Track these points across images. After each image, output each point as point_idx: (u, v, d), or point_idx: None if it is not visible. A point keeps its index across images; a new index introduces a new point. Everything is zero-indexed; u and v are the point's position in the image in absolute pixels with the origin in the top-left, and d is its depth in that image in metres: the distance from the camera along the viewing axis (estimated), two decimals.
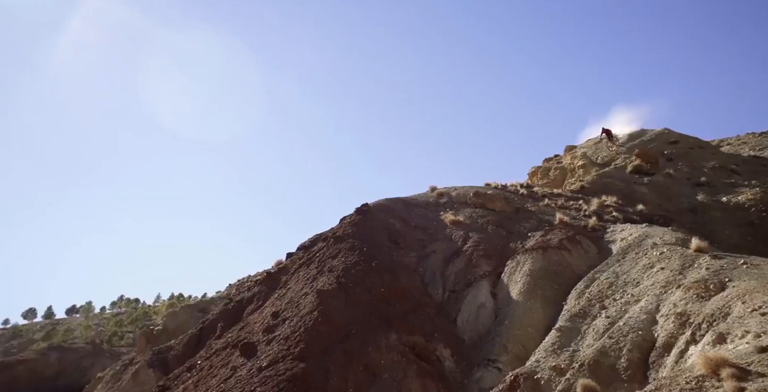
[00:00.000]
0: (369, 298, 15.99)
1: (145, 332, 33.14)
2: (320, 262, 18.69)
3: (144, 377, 22.00)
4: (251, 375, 13.55)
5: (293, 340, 14.41)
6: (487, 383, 12.70)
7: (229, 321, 20.46)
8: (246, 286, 26.24)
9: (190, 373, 16.63)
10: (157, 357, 22.54)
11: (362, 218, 20.92)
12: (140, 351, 29.10)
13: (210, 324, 21.88)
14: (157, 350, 23.43)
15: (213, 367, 15.84)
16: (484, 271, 17.63)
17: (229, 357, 15.78)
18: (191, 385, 15.49)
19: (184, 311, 35.85)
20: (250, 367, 14.14)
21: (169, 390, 16.15)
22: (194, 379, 15.82)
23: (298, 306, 16.30)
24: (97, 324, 72.18)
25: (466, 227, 20.90)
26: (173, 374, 17.84)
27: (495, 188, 25.82)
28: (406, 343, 14.36)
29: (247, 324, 17.92)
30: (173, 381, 16.93)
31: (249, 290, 22.77)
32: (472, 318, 16.04)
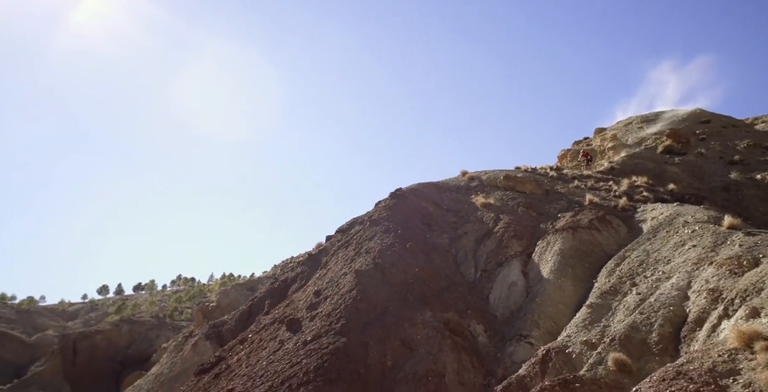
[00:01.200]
0: (404, 278, 16.01)
1: (201, 308, 34.36)
2: (357, 244, 18.79)
3: (202, 348, 22.74)
4: (297, 348, 13.78)
5: (334, 316, 14.59)
6: (519, 356, 12.54)
7: (275, 299, 20.89)
8: (290, 267, 26.75)
9: (243, 345, 17.06)
10: (212, 331, 23.27)
11: (396, 202, 20.86)
12: (198, 325, 30.17)
13: (258, 301, 22.40)
14: (213, 324, 24.20)
15: (262, 340, 16.18)
16: (515, 251, 17.36)
17: (276, 331, 16.10)
18: (244, 356, 15.86)
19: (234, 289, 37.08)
20: (296, 341, 14.38)
21: (225, 360, 16.59)
22: (246, 351, 16.21)
23: (338, 285, 16.48)
24: (160, 300, 75.25)
25: (496, 209, 20.58)
26: (228, 346, 18.36)
27: (525, 171, 25.29)
28: (441, 319, 14.33)
29: (291, 302, 18.22)
30: (228, 352, 17.41)
31: (292, 270, 23.13)
32: (503, 296, 15.85)
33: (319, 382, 11.96)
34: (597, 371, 9.14)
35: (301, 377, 12.27)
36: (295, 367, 12.75)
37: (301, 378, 12.23)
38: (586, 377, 8.76)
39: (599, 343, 10.39)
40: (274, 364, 13.57)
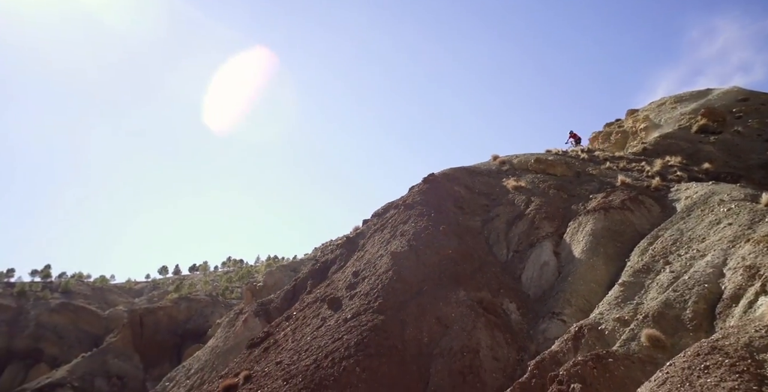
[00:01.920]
0: (438, 259, 15.95)
1: (249, 287, 35.34)
2: (393, 227, 18.80)
3: (252, 324, 23.42)
4: (338, 325, 13.98)
5: (372, 296, 14.71)
6: (552, 333, 12.34)
7: (316, 279, 21.22)
8: (329, 249, 27.08)
9: (288, 322, 17.45)
10: (261, 308, 23.92)
11: (429, 186, 20.71)
12: (247, 303, 31.08)
13: (301, 281, 22.84)
14: (261, 302, 24.88)
15: (306, 317, 16.48)
16: (547, 232, 17.00)
17: (318, 309, 16.36)
18: (290, 332, 16.21)
19: (279, 270, 37.92)
20: (337, 318, 14.57)
21: (273, 335, 17.00)
22: (292, 327, 16.57)
23: (374, 266, 16.57)
24: (213, 280, 77.86)
25: (527, 192, 20.17)
26: (275, 322, 18.83)
27: (555, 154, 24.61)
28: (474, 298, 14.25)
29: (332, 282, 18.45)
30: (275, 328, 17.86)
31: (332, 252, 23.40)
32: (535, 276, 15.58)
33: (360, 356, 12.15)
34: (630, 347, 8.88)
35: (343, 351, 12.48)
36: (337, 342, 12.97)
37: (342, 353, 12.44)
38: (619, 352, 8.52)
39: (632, 320, 10.09)
40: (317, 339, 13.84)
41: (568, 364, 8.13)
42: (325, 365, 12.22)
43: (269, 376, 13.05)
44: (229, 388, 13.91)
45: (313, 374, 12.03)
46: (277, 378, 12.67)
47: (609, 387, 7.48)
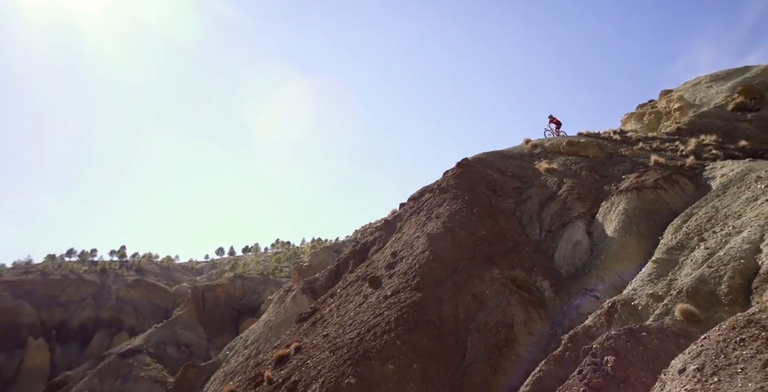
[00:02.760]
0: (472, 239, 15.72)
1: (296, 267, 36.11)
2: (428, 210, 18.62)
3: (300, 300, 23.94)
4: (379, 302, 14.02)
5: (410, 275, 14.68)
6: (585, 309, 11.95)
7: (357, 259, 21.37)
8: (369, 231, 27.23)
9: (333, 299, 17.68)
10: (307, 286, 24.38)
11: (463, 170, 20.34)
12: (295, 281, 31.79)
13: (343, 261, 23.07)
14: (307, 280, 25.36)
15: (349, 295, 16.62)
16: (579, 212, 16.42)
17: (360, 287, 16.46)
18: (334, 308, 16.41)
19: (323, 251, 38.58)
20: (377, 295, 14.62)
21: (319, 310, 17.28)
22: (336, 303, 16.76)
23: (412, 247, 16.51)
24: (263, 260, 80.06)
25: (560, 174, 19.51)
26: (320, 299, 19.14)
27: (587, 136, 23.64)
28: (508, 277, 14.00)
29: (372, 262, 18.51)
30: (321, 304, 18.15)
31: (371, 234, 23.47)
32: (568, 254, 15.10)
33: (400, 331, 12.19)
34: (664, 321, 8.49)
35: (384, 326, 12.55)
36: (378, 318, 13.04)
37: (384, 327, 12.50)
38: (653, 326, 8.14)
39: (666, 296, 9.63)
40: (360, 315, 13.95)
41: (602, 338, 7.86)
42: (367, 338, 12.33)
43: (317, 348, 13.29)
44: (282, 358, 14.21)
45: (357, 346, 12.16)
46: (324, 349, 12.89)
47: (642, 360, 7.19)
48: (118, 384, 42.14)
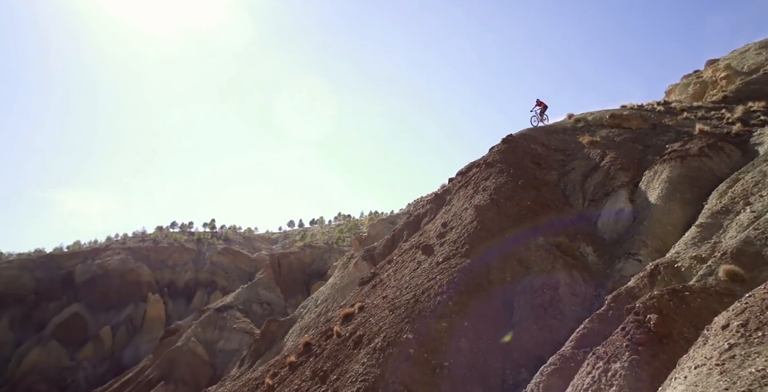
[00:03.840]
0: (517, 209, 15.32)
1: (357, 237, 36.89)
2: (475, 183, 18.28)
3: (361, 266, 24.50)
4: (432, 267, 14.13)
5: (459, 243, 14.62)
6: (628, 272, 11.38)
7: (411, 230, 21.49)
8: (420, 204, 27.17)
9: (390, 265, 17.98)
10: (367, 254, 24.87)
11: (508, 146, 19.67)
12: (356, 249, 32.53)
13: (398, 231, 23.28)
14: (367, 249, 25.86)
15: (404, 261, 16.82)
16: (622, 182, 15.48)
17: (414, 254, 16.60)
18: (392, 273, 16.70)
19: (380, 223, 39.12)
20: (430, 262, 14.73)
21: (378, 275, 17.66)
22: (393, 269, 17.05)
23: (460, 218, 16.36)
24: (328, 231, 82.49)
25: (602, 146, 18.39)
26: (379, 265, 19.52)
27: (630, 109, 21.97)
28: (552, 243, 13.57)
29: (424, 232, 18.55)
30: (379, 269, 18.53)
31: (423, 207, 23.44)
32: (611, 221, 14.30)
33: (452, 293, 12.26)
34: (707, 281, 7.94)
35: (437, 289, 12.67)
36: (432, 281, 13.16)
37: (437, 290, 12.63)
38: (696, 286, 7.64)
39: (709, 257, 8.97)
40: (415, 279, 14.12)
41: (645, 297, 7.49)
42: (422, 299, 12.51)
43: (378, 307, 13.63)
44: (347, 316, 14.69)
45: (413, 306, 12.39)
46: (384, 308, 13.21)
47: (685, 317, 6.80)
48: (216, 333, 45.82)
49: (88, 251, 68.25)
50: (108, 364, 52.24)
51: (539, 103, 24.06)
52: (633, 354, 6.09)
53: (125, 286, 60.72)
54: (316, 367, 12.48)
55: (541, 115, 23.59)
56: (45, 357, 50.07)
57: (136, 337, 56.16)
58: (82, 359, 52.04)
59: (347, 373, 11.10)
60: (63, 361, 50.94)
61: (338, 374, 11.36)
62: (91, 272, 61.94)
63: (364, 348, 11.65)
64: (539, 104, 23.99)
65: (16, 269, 60.18)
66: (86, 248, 72.28)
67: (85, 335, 54.75)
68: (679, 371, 4.90)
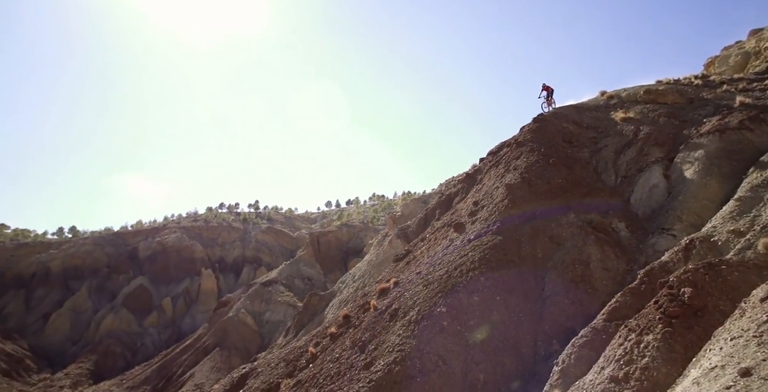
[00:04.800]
0: (548, 188, 14.87)
1: (391, 216, 37.12)
2: (506, 163, 17.83)
3: (395, 244, 24.73)
4: (463, 244, 14.00)
5: (491, 221, 14.41)
6: (661, 246, 10.88)
7: (443, 209, 21.34)
8: (452, 184, 26.89)
9: (423, 242, 18.04)
10: (401, 232, 25.03)
11: (539, 125, 18.96)
12: (390, 228, 32.77)
13: (431, 211, 23.20)
14: (400, 227, 26.01)
15: (437, 239, 16.78)
16: (656, 157, 14.68)
17: (446, 232, 16.53)
18: (425, 250, 16.76)
19: (412, 202, 39.08)
20: (462, 239, 14.60)
21: (412, 252, 17.76)
22: (426, 246, 17.09)
23: (491, 197, 16.08)
24: (363, 211, 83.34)
25: (636, 122, 17.42)
26: (412, 243, 19.63)
27: (666, 84, 20.55)
28: (584, 220, 13.16)
29: (456, 211, 18.39)
30: (413, 247, 18.65)
31: (454, 187, 23.16)
32: (644, 197, 13.64)
33: (483, 269, 12.18)
34: (745, 255, 7.55)
35: (469, 265, 12.61)
36: (464, 258, 13.07)
37: (468, 266, 12.56)
38: (733, 260, 7.26)
39: (748, 231, 8.47)
40: (447, 256, 14.06)
41: (679, 271, 7.18)
42: (455, 275, 12.51)
43: (412, 282, 13.70)
44: (383, 290, 14.82)
45: (446, 281, 12.42)
46: (418, 283, 13.27)
47: (721, 291, 6.50)
48: (263, 305, 47.96)
49: (148, 230, 72.42)
50: (170, 331, 55.96)
51: (545, 87, 22.68)
52: (666, 327, 5.92)
53: (181, 262, 64.30)
54: (355, 338, 12.75)
55: (548, 99, 22.22)
56: (118, 323, 54.20)
57: (193, 308, 59.67)
58: (148, 326, 55.97)
59: (384, 344, 11.30)
60: (133, 327, 54.97)
61: (376, 344, 11.57)
62: (152, 249, 65.88)
63: (400, 321, 11.80)
64: (545, 89, 22.63)
65: (90, 245, 64.91)
66: (147, 227, 76.59)
67: (149, 305, 58.71)
68: (715, 343, 4.74)
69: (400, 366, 10.06)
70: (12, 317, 54.16)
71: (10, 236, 69.02)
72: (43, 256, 62.00)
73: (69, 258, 62.04)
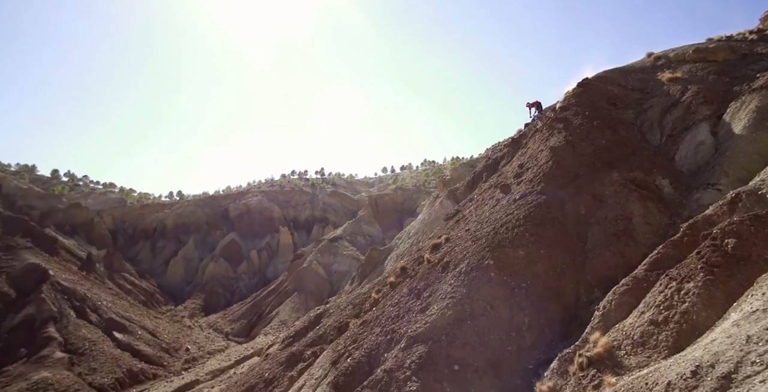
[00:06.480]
0: (592, 149, 14.04)
1: (441, 179, 36.87)
2: (550, 127, 16.90)
3: (445, 204, 24.81)
4: (509, 204, 13.86)
5: (535, 182, 14.01)
6: (705, 201, 10.10)
7: (489, 172, 20.89)
8: (498, 149, 25.94)
9: (471, 202, 17.99)
10: (450, 193, 24.98)
11: (583, 89, 17.57)
12: (440, 190, 32.71)
13: (478, 173, 22.80)
14: (450, 189, 25.92)
15: (484, 199, 16.69)
16: (704, 115, 13.27)
17: (492, 193, 16.37)
18: (473, 209, 16.74)
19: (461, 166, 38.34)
20: (507, 199, 14.43)
21: (461, 212, 17.81)
22: (474, 206, 17.05)
23: (536, 159, 15.49)
24: (416, 175, 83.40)
25: (684, 82, 15.61)
26: (461, 203, 19.63)
27: (718, 41, 17.90)
28: (627, 178, 12.42)
29: (501, 173, 17.98)
30: (462, 206, 18.67)
31: (500, 151, 22.43)
32: (690, 154, 12.55)
33: (528, 226, 12.04)
34: None
35: (514, 222, 12.50)
36: (509, 216, 12.97)
37: (514, 223, 12.46)
38: None
39: None
40: (494, 214, 14.00)
41: (723, 223, 6.69)
42: (501, 231, 12.47)
43: (461, 239, 13.86)
44: (436, 245, 15.08)
45: (493, 237, 12.43)
46: (467, 239, 13.41)
47: (766, 241, 6.02)
48: (331, 258, 50.96)
49: (236, 194, 78.31)
50: (257, 277, 61.55)
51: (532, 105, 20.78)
52: (708, 275, 5.67)
53: (263, 220, 69.41)
54: (411, 286, 13.19)
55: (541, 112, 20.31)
56: (218, 269, 60.53)
57: (274, 259, 64.80)
58: (241, 272, 61.97)
59: (437, 291, 11.64)
60: (229, 273, 61.16)
61: (430, 292, 11.94)
62: (239, 210, 71.52)
63: (451, 272, 12.06)
64: (533, 105, 20.74)
65: (193, 206, 71.85)
66: (234, 191, 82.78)
67: (240, 255, 64.64)
68: (757, 288, 4.54)
69: (452, 311, 10.37)
70: (143, 262, 62.37)
71: (136, 198, 77.86)
72: (161, 215, 69.88)
73: (178, 217, 69.37)
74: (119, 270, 51.76)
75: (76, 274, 42.35)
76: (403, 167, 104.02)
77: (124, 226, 67.54)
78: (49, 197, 60.07)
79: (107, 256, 52.86)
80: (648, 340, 6.12)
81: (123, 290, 47.17)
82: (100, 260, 50.60)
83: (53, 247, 45.26)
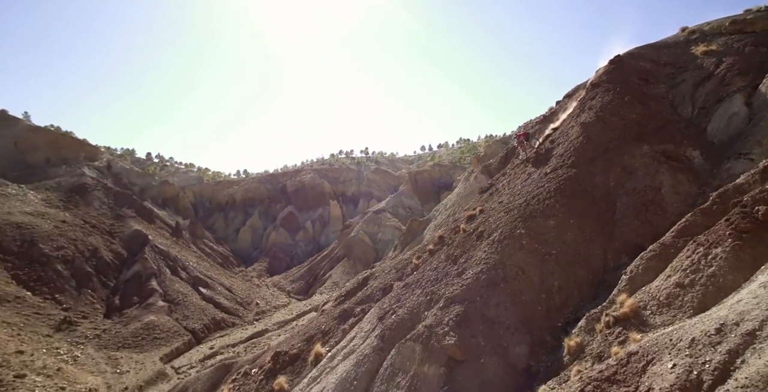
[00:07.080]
0: (623, 123, 13.17)
1: (476, 156, 35.94)
2: (581, 103, 15.87)
3: (479, 179, 24.45)
4: (540, 177, 13.47)
5: (566, 156, 13.45)
6: (737, 170, 9.37)
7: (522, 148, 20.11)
8: (530, 126, 24.72)
9: (504, 177, 17.58)
10: (484, 168, 24.48)
11: (615, 66, 16.19)
12: (475, 166, 32.04)
13: (510, 150, 22.04)
14: (484, 165, 25.37)
15: (516, 174, 16.29)
16: (738, 86, 11.97)
17: (524, 168, 15.91)
18: (506, 183, 16.44)
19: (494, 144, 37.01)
20: (539, 173, 13.99)
21: (494, 185, 17.48)
22: (506, 180, 16.72)
23: (567, 135, 14.75)
24: (452, 152, 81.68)
25: (718, 54, 13.97)
26: (494, 177, 19.21)
27: (756, 12, 15.47)
28: (657, 150, 11.64)
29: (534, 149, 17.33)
30: (495, 180, 18.29)
31: (532, 128, 21.46)
32: (722, 126, 11.48)
33: (558, 197, 11.72)
34: None
35: (545, 194, 12.19)
36: (541, 189, 12.64)
37: (545, 195, 12.15)
38: None
39: None
40: (526, 187, 13.70)
41: (755, 191, 6.26)
42: (533, 203, 12.24)
43: (495, 210, 13.75)
44: (470, 217, 15.04)
45: (525, 208, 12.24)
46: (500, 211, 13.28)
47: None
48: (375, 228, 52.29)
49: (292, 172, 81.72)
50: (312, 245, 64.89)
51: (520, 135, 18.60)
52: (736, 241, 5.40)
53: (316, 195, 72.28)
54: (448, 253, 13.33)
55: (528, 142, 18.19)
56: (278, 237, 64.52)
57: (326, 229, 67.70)
58: (299, 240, 65.63)
59: (473, 258, 11.72)
60: (288, 241, 65.00)
61: (466, 258, 12.04)
62: (295, 186, 74.79)
63: (485, 240, 12.07)
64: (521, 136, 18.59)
65: (256, 183, 76.31)
66: (290, 169, 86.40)
67: (297, 225, 68.24)
68: None
69: (486, 275, 10.44)
70: (218, 230, 67.81)
71: (211, 176, 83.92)
72: (231, 190, 74.90)
73: (245, 192, 73.99)
74: (200, 237, 56.69)
75: (168, 239, 47.06)
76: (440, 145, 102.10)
77: (202, 200, 73.28)
78: (145, 176, 65.92)
79: (191, 225, 57.86)
80: (674, 301, 6.01)
81: (204, 253, 51.88)
82: (185, 228, 55.57)
83: (150, 217, 50.30)
